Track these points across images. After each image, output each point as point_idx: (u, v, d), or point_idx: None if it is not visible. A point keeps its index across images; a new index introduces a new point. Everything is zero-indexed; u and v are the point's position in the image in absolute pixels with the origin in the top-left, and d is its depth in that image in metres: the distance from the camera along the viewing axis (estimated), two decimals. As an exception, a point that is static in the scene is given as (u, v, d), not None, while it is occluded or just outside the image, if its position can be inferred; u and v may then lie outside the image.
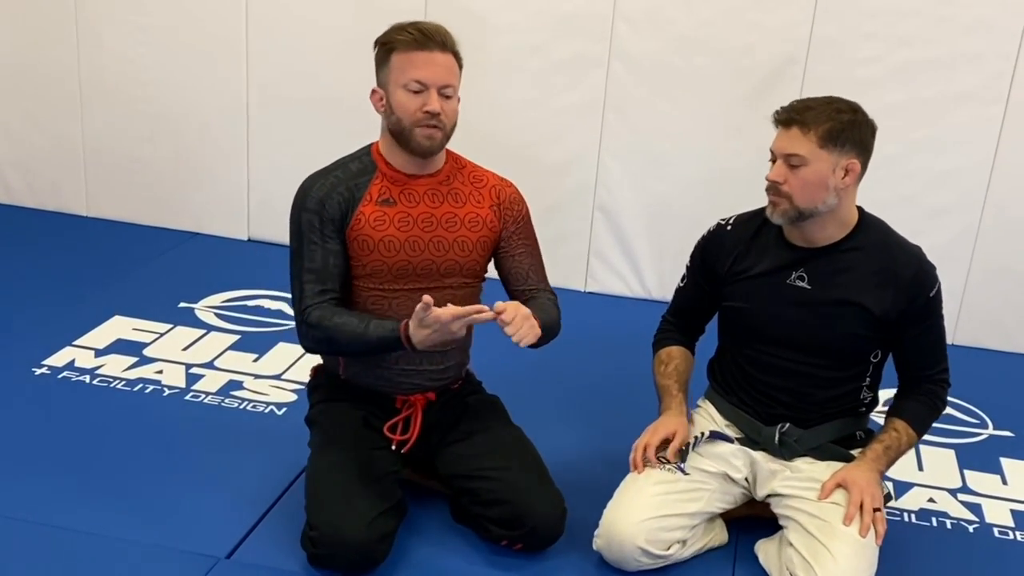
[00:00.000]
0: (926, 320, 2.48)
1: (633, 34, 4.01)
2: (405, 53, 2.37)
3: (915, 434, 2.53)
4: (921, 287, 2.44)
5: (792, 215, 2.40)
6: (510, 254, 2.59)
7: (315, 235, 2.43)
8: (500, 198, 2.56)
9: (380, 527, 2.36)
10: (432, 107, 2.36)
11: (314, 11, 4.25)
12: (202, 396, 3.21)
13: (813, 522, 2.40)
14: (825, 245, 2.47)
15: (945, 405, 2.59)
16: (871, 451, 2.49)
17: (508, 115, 4.09)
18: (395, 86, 2.39)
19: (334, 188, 2.44)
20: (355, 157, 2.53)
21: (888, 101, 3.86)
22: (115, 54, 4.47)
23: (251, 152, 4.51)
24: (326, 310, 2.42)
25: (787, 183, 2.37)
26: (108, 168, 4.67)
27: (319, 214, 2.43)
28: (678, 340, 2.73)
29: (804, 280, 2.48)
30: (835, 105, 2.37)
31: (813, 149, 2.34)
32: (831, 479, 2.45)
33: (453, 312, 2.22)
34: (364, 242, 2.45)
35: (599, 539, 2.48)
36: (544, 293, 2.61)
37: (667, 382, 2.64)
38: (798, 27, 3.87)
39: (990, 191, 3.92)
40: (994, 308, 4.06)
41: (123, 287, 4.01)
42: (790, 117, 2.36)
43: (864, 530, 2.34)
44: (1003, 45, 3.75)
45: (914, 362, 2.55)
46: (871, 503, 2.37)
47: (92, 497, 2.64)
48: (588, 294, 4.38)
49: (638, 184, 4.21)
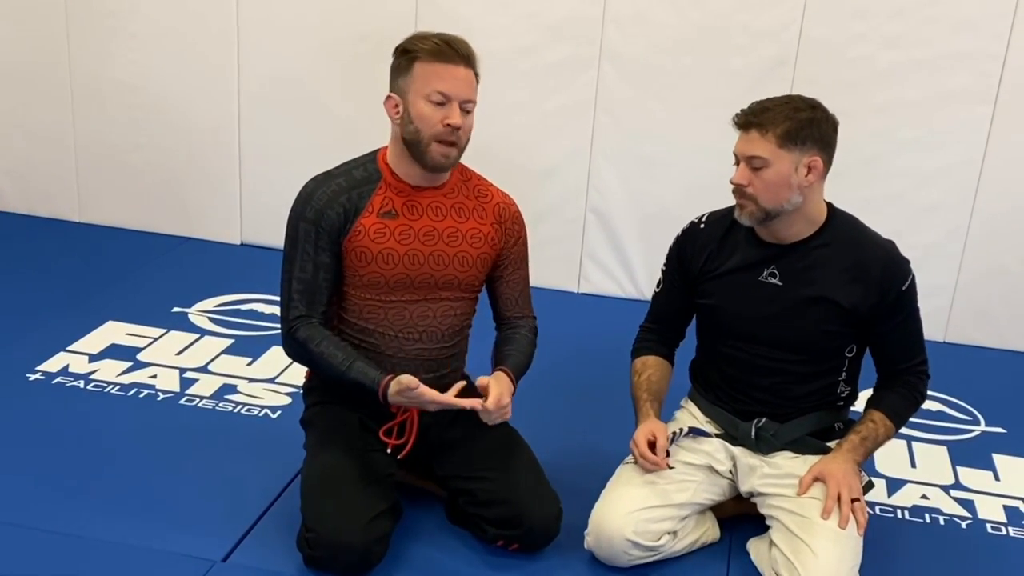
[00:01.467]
0: (900, 313, 2.48)
1: (623, 36, 4.02)
2: (430, 64, 2.35)
3: (893, 425, 2.53)
4: (892, 281, 2.45)
5: (759, 216, 2.41)
6: (503, 277, 2.60)
7: (309, 246, 2.44)
8: (503, 216, 2.57)
9: (377, 529, 2.36)
10: (454, 120, 2.34)
11: (304, 15, 4.26)
12: (196, 400, 3.21)
13: (793, 519, 2.41)
14: (795, 242, 2.48)
15: (924, 397, 2.59)
16: (848, 442, 2.49)
17: (499, 118, 4.09)
18: (416, 95, 2.36)
19: (335, 198, 2.43)
20: (360, 163, 2.51)
21: (877, 101, 3.90)
22: (106, 61, 4.47)
23: (243, 156, 4.51)
24: (314, 331, 2.45)
25: (751, 185, 2.38)
26: (100, 174, 4.67)
27: (316, 224, 2.43)
28: (654, 349, 2.72)
29: (776, 277, 2.49)
30: (792, 104, 2.37)
31: (773, 150, 2.34)
32: (808, 473, 2.45)
33: (435, 398, 2.34)
34: (362, 254, 2.44)
35: (589, 536, 2.49)
36: (527, 322, 2.65)
37: (638, 393, 2.64)
38: (787, 28, 3.89)
39: (980, 189, 3.94)
40: (985, 305, 4.09)
41: (116, 292, 4.01)
42: (748, 120, 2.37)
43: (843, 521, 2.35)
44: (990, 45, 3.78)
45: (891, 356, 2.55)
46: (849, 494, 2.38)
47: (87, 502, 2.64)
48: (581, 295, 4.39)
49: (630, 185, 4.22)
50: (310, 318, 2.47)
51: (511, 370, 2.51)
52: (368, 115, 3.96)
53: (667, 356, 2.74)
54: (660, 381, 2.66)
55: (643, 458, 2.49)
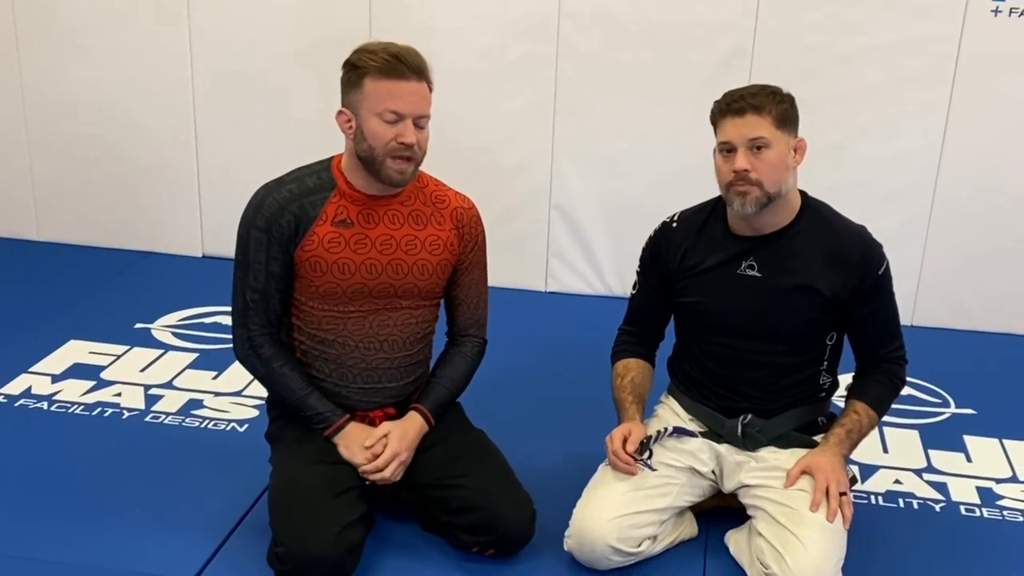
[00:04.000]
0: (877, 298, 2.49)
1: (580, 33, 4.01)
2: (380, 80, 2.28)
3: (876, 414, 2.54)
4: (869, 265, 2.46)
5: (763, 201, 2.40)
6: (459, 282, 2.58)
7: (261, 255, 2.40)
8: (462, 220, 2.53)
9: (347, 539, 2.33)
10: (407, 139, 2.30)
11: (257, 24, 4.23)
12: (162, 417, 3.17)
13: (781, 510, 2.40)
14: (771, 232, 2.48)
15: (904, 383, 2.60)
16: (834, 436, 2.50)
17: (459, 120, 4.07)
18: (368, 113, 2.30)
19: (285, 206, 2.38)
20: (313, 171, 2.45)
21: (837, 88, 3.91)
22: (58, 76, 4.41)
23: (201, 168, 4.47)
24: (276, 351, 2.47)
25: (755, 170, 2.37)
26: (57, 192, 4.62)
27: (268, 233, 2.39)
28: (634, 352, 2.71)
29: (755, 269, 2.50)
30: (769, 90, 2.41)
31: (773, 131, 2.37)
32: (796, 466, 2.45)
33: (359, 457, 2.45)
34: (317, 264, 2.40)
35: (570, 539, 2.47)
36: (474, 342, 2.64)
37: (622, 396, 2.62)
38: (744, 18, 3.89)
39: (940, 172, 3.96)
40: (951, 287, 4.11)
41: (78, 310, 3.96)
42: (744, 104, 2.37)
43: (831, 515, 2.35)
44: (946, 27, 3.79)
45: (869, 341, 2.56)
46: (837, 488, 2.38)
47: (53, 525, 2.59)
48: (549, 294, 4.37)
49: (593, 182, 4.21)
50: (272, 330, 2.45)
51: (431, 407, 2.53)
52: (327, 120, 3.93)
53: (647, 358, 2.72)
54: (643, 383, 2.65)
55: (615, 455, 2.47)
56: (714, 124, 2.45)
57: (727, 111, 2.40)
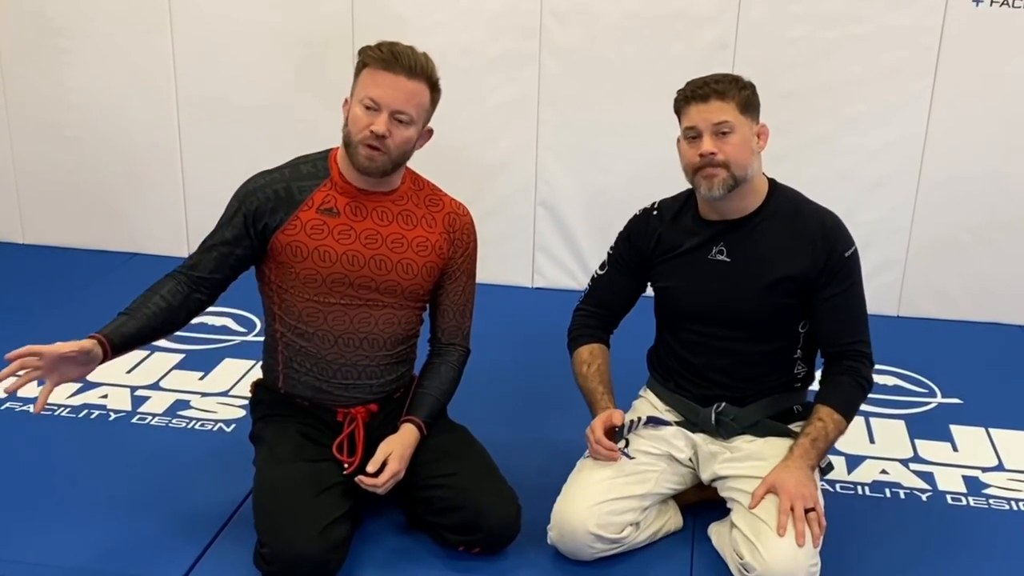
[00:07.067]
0: (844, 282, 2.48)
1: (562, 28, 4.01)
2: (373, 71, 2.35)
3: (843, 418, 2.47)
4: (835, 243, 2.47)
5: (730, 183, 2.42)
6: (445, 288, 2.59)
7: (226, 218, 2.45)
8: (454, 225, 2.55)
9: (332, 536, 2.33)
10: (376, 128, 2.33)
11: (240, 21, 4.22)
12: (149, 418, 3.16)
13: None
14: (740, 217, 2.50)
15: (871, 384, 2.53)
16: (798, 447, 2.43)
17: (443, 117, 4.04)
18: (356, 99, 2.38)
19: (270, 185, 2.44)
20: (311, 159, 2.51)
21: (820, 80, 3.91)
22: (40, 79, 4.40)
23: (185, 168, 4.47)
24: (168, 285, 2.42)
25: (721, 152, 2.40)
26: (42, 193, 4.61)
27: (241, 202, 2.44)
28: (596, 336, 2.71)
29: (724, 254, 2.51)
30: (731, 77, 2.46)
31: (737, 116, 2.41)
32: (760, 485, 2.39)
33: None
34: (297, 248, 2.42)
35: (552, 531, 2.47)
36: (457, 351, 2.63)
37: (591, 384, 2.62)
38: (725, 12, 3.89)
39: (924, 162, 3.97)
40: (936, 277, 4.12)
41: (64, 312, 3.95)
42: (708, 91, 2.41)
43: (799, 537, 2.27)
44: (927, 18, 3.80)
45: (833, 330, 2.52)
46: (802, 505, 2.31)
47: (41, 527, 2.58)
48: (535, 290, 4.37)
49: (578, 177, 4.21)
50: (190, 280, 2.44)
51: (425, 418, 2.53)
52: (311, 118, 3.94)
53: (607, 342, 2.74)
54: (608, 371, 2.66)
55: (598, 444, 2.48)
56: (678, 112, 2.49)
57: (691, 98, 2.43)
